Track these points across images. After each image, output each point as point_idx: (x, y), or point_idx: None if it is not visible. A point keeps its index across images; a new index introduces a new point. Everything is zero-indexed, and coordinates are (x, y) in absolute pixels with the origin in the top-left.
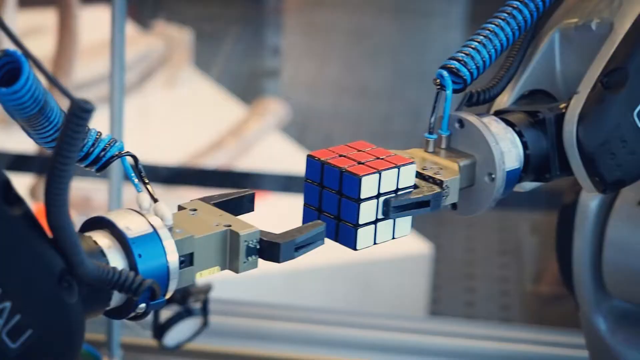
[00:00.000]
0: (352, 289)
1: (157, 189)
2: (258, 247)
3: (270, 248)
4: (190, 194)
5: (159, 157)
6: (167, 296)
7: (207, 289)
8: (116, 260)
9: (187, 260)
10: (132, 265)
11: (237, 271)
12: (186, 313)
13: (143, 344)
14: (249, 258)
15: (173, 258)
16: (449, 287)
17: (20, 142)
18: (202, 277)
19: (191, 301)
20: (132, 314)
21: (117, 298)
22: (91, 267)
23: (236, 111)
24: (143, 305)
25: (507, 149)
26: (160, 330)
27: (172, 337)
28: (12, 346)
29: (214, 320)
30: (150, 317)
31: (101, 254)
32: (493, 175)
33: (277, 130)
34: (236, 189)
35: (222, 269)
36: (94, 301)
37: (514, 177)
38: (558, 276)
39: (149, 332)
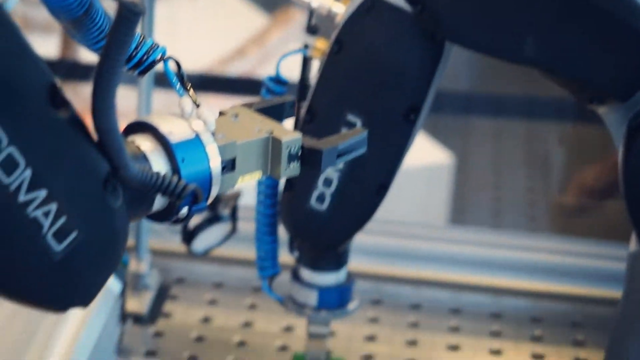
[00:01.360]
0: None
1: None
2: (300, 153)
3: (312, 155)
4: (211, 101)
5: (182, 65)
6: (209, 201)
7: (236, 195)
8: (159, 165)
9: (229, 166)
10: (175, 170)
11: (278, 177)
12: (215, 219)
13: (171, 249)
14: (291, 164)
15: (216, 163)
16: (473, 198)
17: (40, 47)
18: (243, 182)
19: (220, 207)
20: (174, 218)
21: (159, 202)
22: (135, 170)
23: (259, 20)
24: (185, 209)
25: None
26: (189, 235)
27: (201, 242)
28: (58, 248)
29: (242, 227)
30: None
31: (144, 158)
32: None
33: (299, 40)
34: (258, 96)
35: (264, 174)
36: (137, 205)
37: None
38: (583, 187)
39: (177, 237)
